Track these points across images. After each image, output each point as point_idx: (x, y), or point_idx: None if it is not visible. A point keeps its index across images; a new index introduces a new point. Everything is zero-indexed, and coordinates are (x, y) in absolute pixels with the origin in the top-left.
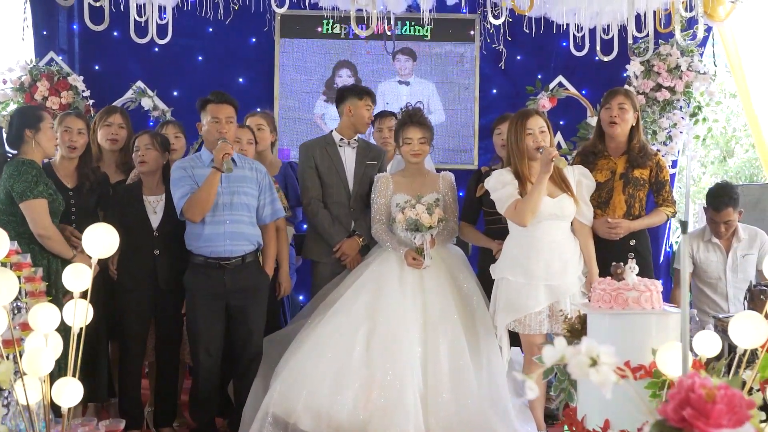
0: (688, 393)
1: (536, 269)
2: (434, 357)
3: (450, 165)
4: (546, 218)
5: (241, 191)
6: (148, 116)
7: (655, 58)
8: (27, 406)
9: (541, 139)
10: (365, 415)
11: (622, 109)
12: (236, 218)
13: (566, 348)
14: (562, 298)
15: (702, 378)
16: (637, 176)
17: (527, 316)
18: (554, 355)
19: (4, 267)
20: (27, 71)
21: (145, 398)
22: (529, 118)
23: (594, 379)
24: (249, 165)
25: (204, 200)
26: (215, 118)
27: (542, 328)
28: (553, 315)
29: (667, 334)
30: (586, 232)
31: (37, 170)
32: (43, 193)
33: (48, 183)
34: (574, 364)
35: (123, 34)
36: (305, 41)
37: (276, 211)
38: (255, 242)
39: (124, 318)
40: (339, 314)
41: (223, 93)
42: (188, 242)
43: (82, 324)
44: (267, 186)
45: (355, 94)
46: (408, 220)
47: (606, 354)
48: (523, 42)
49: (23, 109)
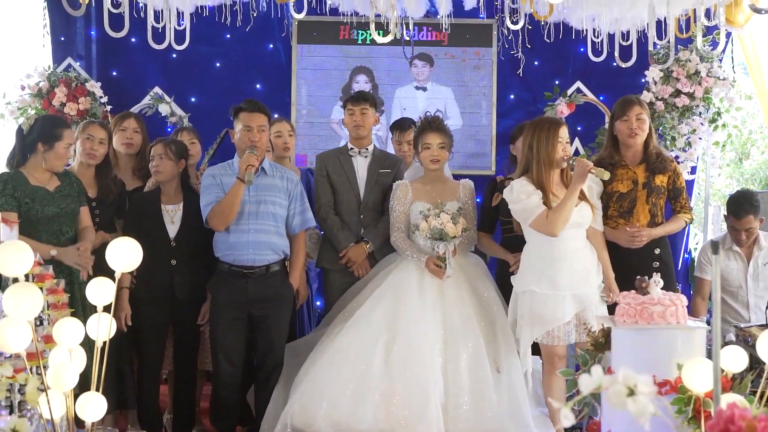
0: (727, 425)
1: (562, 279)
2: (454, 367)
3: (467, 171)
4: (568, 227)
5: (268, 200)
6: (165, 122)
7: (675, 63)
8: (51, 420)
9: (566, 149)
10: (386, 426)
11: (640, 120)
12: (261, 227)
13: (603, 377)
14: (588, 306)
15: (741, 409)
16: (659, 184)
17: (556, 328)
18: (591, 383)
19: (26, 280)
20: (45, 77)
21: (164, 405)
22: (561, 127)
23: (632, 409)
24: (280, 174)
25: (227, 210)
26: (247, 127)
27: (570, 338)
28: (580, 324)
29: (692, 349)
30: (600, 238)
31: (2, 182)
32: (4, 206)
33: (14, 193)
34: (612, 393)
35: (140, 40)
36: (322, 47)
37: (306, 220)
38: (281, 252)
39: (141, 328)
40: (358, 324)
41: (256, 101)
42: (215, 249)
43: (105, 338)
44: (298, 195)
45: (343, 106)
46: (433, 230)
47: (644, 384)
48: (540, 47)
49: (47, 120)
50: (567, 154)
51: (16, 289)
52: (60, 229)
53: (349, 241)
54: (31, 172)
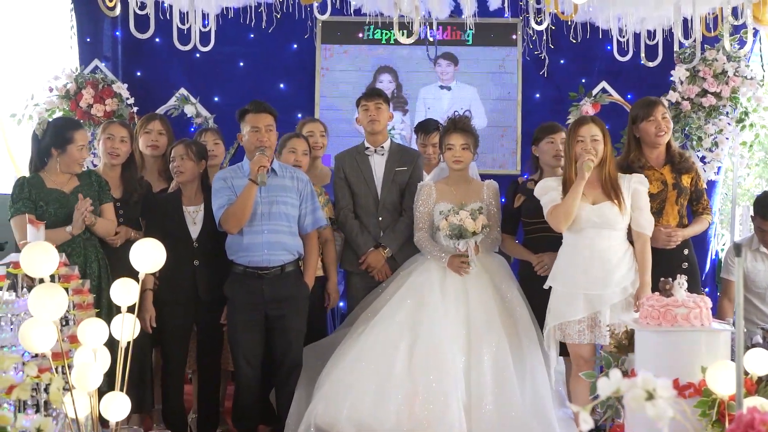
0: (747, 429)
1: (576, 278)
2: (477, 367)
3: (492, 171)
4: (588, 226)
5: (280, 201)
6: (189, 123)
7: (701, 63)
8: (76, 419)
9: (591, 147)
10: (408, 426)
11: (665, 119)
12: (274, 228)
13: (622, 380)
14: (602, 308)
15: (762, 413)
16: (685, 185)
17: (567, 325)
18: (609, 387)
19: (52, 281)
20: (72, 79)
21: (189, 405)
22: (582, 126)
23: (650, 413)
24: (290, 174)
25: (240, 212)
26: (255, 128)
27: (582, 338)
28: (595, 326)
29: (716, 351)
30: (642, 241)
31: (18, 187)
32: (20, 210)
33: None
34: (630, 397)
35: (164, 40)
36: (346, 47)
37: (317, 220)
38: (295, 252)
39: (165, 328)
40: (381, 325)
41: (261, 102)
42: (229, 251)
43: (129, 338)
44: (309, 195)
45: (357, 103)
46: (451, 226)
47: (663, 388)
48: (566, 46)
49: (58, 124)
50: (586, 152)
51: (41, 290)
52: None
53: (369, 245)
54: (48, 175)
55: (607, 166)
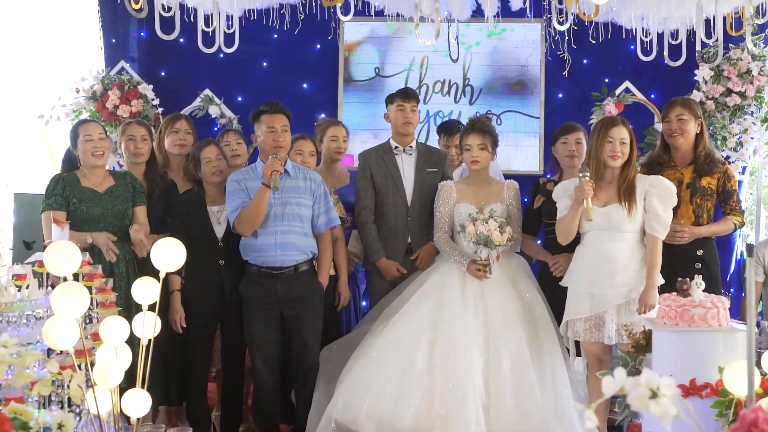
0: (750, 428)
1: (583, 278)
2: (496, 366)
3: (514, 170)
4: (595, 228)
5: (293, 201)
6: (214, 123)
7: (725, 62)
8: (98, 415)
9: (620, 150)
10: (427, 423)
11: (681, 121)
12: (287, 229)
13: (626, 379)
14: (606, 308)
15: (766, 412)
16: (705, 186)
17: (575, 323)
18: (613, 385)
19: (76, 279)
20: (99, 80)
21: (212, 403)
22: (613, 127)
23: (654, 411)
24: (303, 174)
25: (253, 215)
26: (271, 128)
27: (588, 336)
28: (602, 325)
29: (734, 351)
30: (652, 244)
31: (53, 182)
32: (52, 205)
33: (63, 193)
34: (634, 395)
35: (189, 41)
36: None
37: (330, 220)
38: (308, 252)
39: (191, 327)
40: (401, 323)
41: (276, 103)
42: (243, 252)
43: (150, 336)
44: (321, 195)
45: (388, 100)
46: (479, 235)
47: (666, 386)
48: (589, 45)
49: (71, 129)
50: (615, 155)
51: (63, 288)
52: (106, 228)
53: (380, 255)
54: (84, 172)
55: (630, 170)
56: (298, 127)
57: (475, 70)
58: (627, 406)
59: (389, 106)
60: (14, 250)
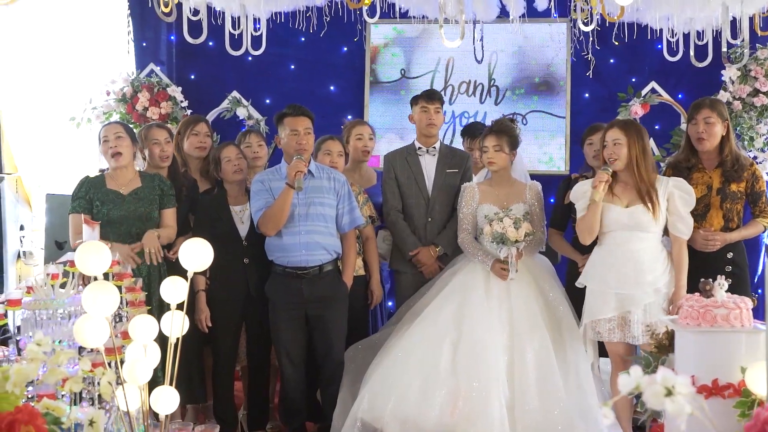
0: (764, 426)
1: (608, 278)
2: (521, 366)
3: (540, 171)
4: (619, 228)
5: (317, 201)
6: (242, 125)
7: (752, 62)
8: (127, 412)
9: (613, 151)
10: (452, 422)
11: (708, 124)
12: (312, 228)
13: (641, 377)
14: (632, 308)
15: None
16: (734, 190)
17: (598, 323)
18: (629, 383)
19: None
20: (129, 83)
21: (239, 401)
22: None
23: (669, 409)
24: (327, 175)
25: (277, 216)
26: (294, 131)
27: (612, 336)
28: (625, 324)
29: (757, 352)
30: (678, 245)
31: (79, 185)
32: (76, 209)
33: (86, 196)
34: (650, 393)
35: (217, 44)
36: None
37: (355, 219)
38: (333, 252)
39: (217, 325)
40: (426, 323)
41: (299, 106)
42: (268, 252)
43: (178, 335)
44: (345, 195)
45: (413, 102)
46: (494, 234)
47: (682, 384)
48: (615, 46)
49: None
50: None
51: (94, 287)
52: (129, 231)
53: (416, 246)
54: (112, 175)
55: (642, 170)
56: (324, 129)
57: (500, 70)
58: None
59: (414, 107)
60: (46, 250)
